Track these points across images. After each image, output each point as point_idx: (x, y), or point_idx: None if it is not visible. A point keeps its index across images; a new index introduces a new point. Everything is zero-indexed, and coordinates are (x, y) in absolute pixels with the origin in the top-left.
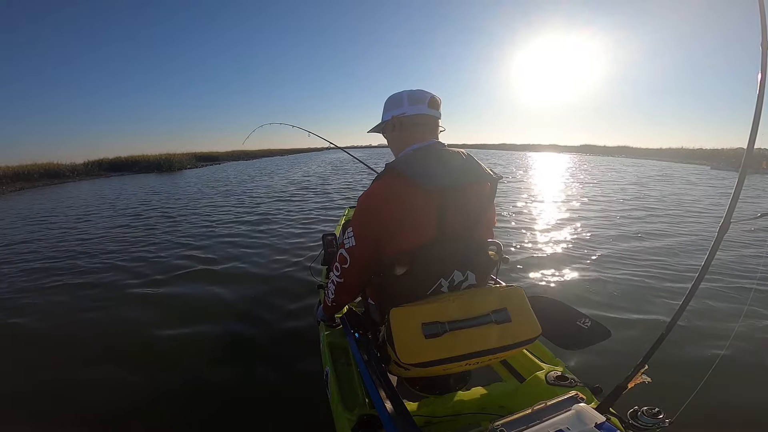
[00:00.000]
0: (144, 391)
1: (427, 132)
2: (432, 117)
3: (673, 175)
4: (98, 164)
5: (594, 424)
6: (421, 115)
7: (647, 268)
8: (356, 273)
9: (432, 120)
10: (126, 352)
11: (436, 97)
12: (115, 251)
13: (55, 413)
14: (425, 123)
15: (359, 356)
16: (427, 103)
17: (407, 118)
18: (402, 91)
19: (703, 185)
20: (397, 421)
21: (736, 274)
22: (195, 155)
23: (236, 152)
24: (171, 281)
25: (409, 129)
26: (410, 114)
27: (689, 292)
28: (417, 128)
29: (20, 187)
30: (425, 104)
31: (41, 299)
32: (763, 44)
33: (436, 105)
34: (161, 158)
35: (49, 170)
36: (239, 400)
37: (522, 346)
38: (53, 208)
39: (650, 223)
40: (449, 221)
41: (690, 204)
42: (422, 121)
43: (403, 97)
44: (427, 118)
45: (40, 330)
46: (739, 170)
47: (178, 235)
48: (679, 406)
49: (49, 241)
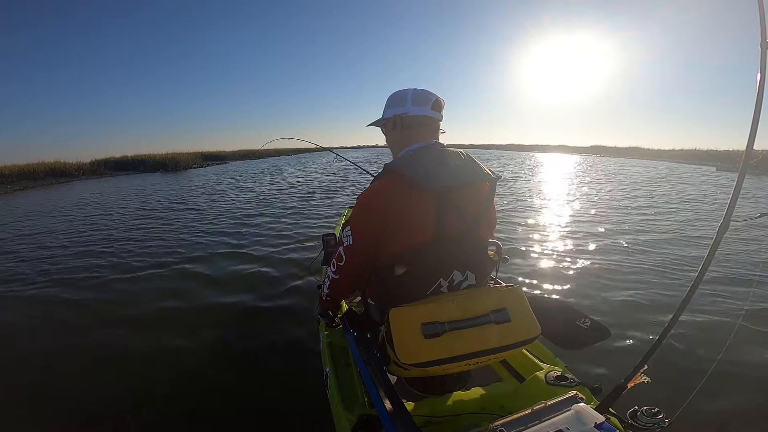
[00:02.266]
0: (140, 390)
1: (427, 133)
2: (434, 119)
3: (678, 175)
4: (104, 163)
5: (594, 424)
6: (424, 116)
7: (647, 268)
8: (352, 271)
9: (434, 122)
10: (125, 352)
11: (441, 99)
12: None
13: (54, 410)
14: (427, 124)
15: (359, 356)
16: (431, 105)
17: (409, 118)
18: (407, 90)
19: (705, 186)
20: (397, 421)
21: (736, 274)
22: (201, 154)
23: (243, 151)
24: (170, 280)
25: (410, 129)
26: (412, 114)
27: (689, 291)
28: (418, 129)
29: (24, 186)
30: (429, 106)
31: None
32: (763, 44)
33: (439, 107)
34: (167, 157)
35: (55, 169)
36: (239, 400)
37: (521, 346)
38: (54, 207)
39: (650, 223)
40: (448, 221)
41: (691, 204)
42: (424, 123)
43: (407, 96)
44: (429, 120)
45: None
46: (738, 170)
47: (177, 234)
48: (679, 406)
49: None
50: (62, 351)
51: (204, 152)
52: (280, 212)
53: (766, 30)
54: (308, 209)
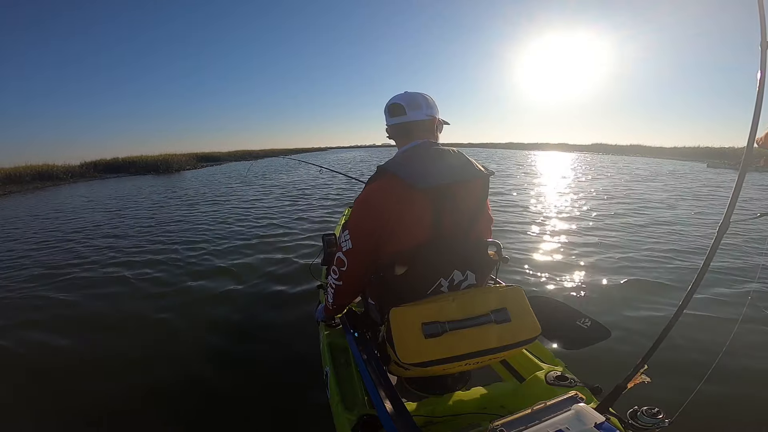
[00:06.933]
0: (138, 391)
1: (418, 133)
2: (418, 121)
3: (680, 171)
4: (93, 166)
5: (594, 424)
6: (419, 121)
7: (647, 268)
8: (354, 275)
9: (420, 123)
10: (123, 350)
11: (429, 99)
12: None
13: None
14: (423, 128)
15: (359, 356)
16: (423, 108)
17: (396, 127)
18: (399, 99)
19: (703, 182)
20: (397, 421)
21: (736, 274)
22: (196, 155)
23: (238, 152)
24: (168, 279)
25: (408, 133)
26: (407, 121)
27: (689, 291)
28: (415, 132)
29: (8, 191)
30: (422, 109)
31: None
32: (763, 44)
33: (431, 107)
34: (159, 159)
35: (42, 172)
36: (239, 401)
37: (522, 345)
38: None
39: (650, 223)
40: (445, 220)
41: (692, 203)
42: (420, 126)
43: (389, 108)
44: (413, 124)
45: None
46: (738, 168)
47: (174, 234)
48: (679, 406)
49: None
50: (61, 353)
51: (198, 153)
52: (280, 211)
53: (766, 30)
54: (308, 208)
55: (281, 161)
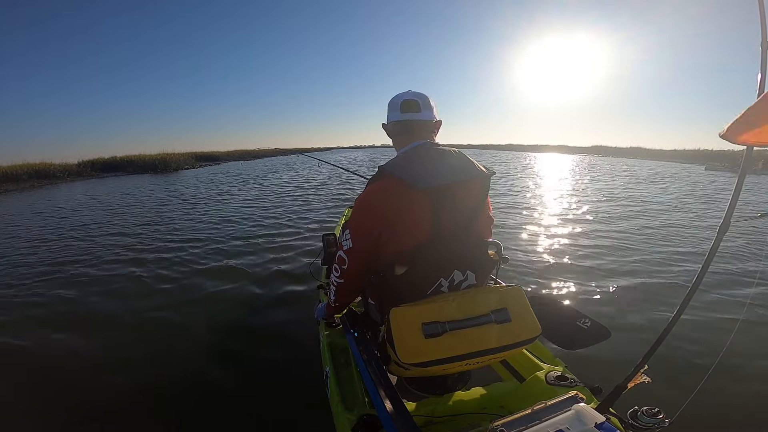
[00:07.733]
0: (138, 390)
1: (421, 134)
2: (423, 121)
3: (676, 174)
4: (91, 164)
5: (594, 424)
6: (424, 121)
7: (647, 268)
8: (355, 274)
9: (424, 123)
10: (124, 347)
11: (426, 99)
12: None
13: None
14: (420, 127)
15: (359, 356)
16: (418, 108)
17: (402, 123)
18: (399, 97)
19: (702, 184)
20: (397, 421)
21: (736, 274)
22: (194, 155)
23: (237, 152)
24: (168, 277)
25: (406, 132)
26: (402, 120)
27: (689, 291)
28: (413, 131)
29: (5, 189)
30: (419, 109)
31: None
32: (763, 44)
33: (428, 107)
34: (156, 158)
35: (39, 171)
36: (239, 401)
37: (522, 345)
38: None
39: (650, 224)
40: (444, 220)
41: (691, 205)
42: (417, 126)
43: (399, 102)
44: (418, 123)
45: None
46: (737, 171)
47: (172, 234)
48: (679, 406)
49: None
50: (62, 350)
51: (197, 153)
52: (279, 211)
53: (766, 30)
54: (307, 208)
55: (281, 160)
